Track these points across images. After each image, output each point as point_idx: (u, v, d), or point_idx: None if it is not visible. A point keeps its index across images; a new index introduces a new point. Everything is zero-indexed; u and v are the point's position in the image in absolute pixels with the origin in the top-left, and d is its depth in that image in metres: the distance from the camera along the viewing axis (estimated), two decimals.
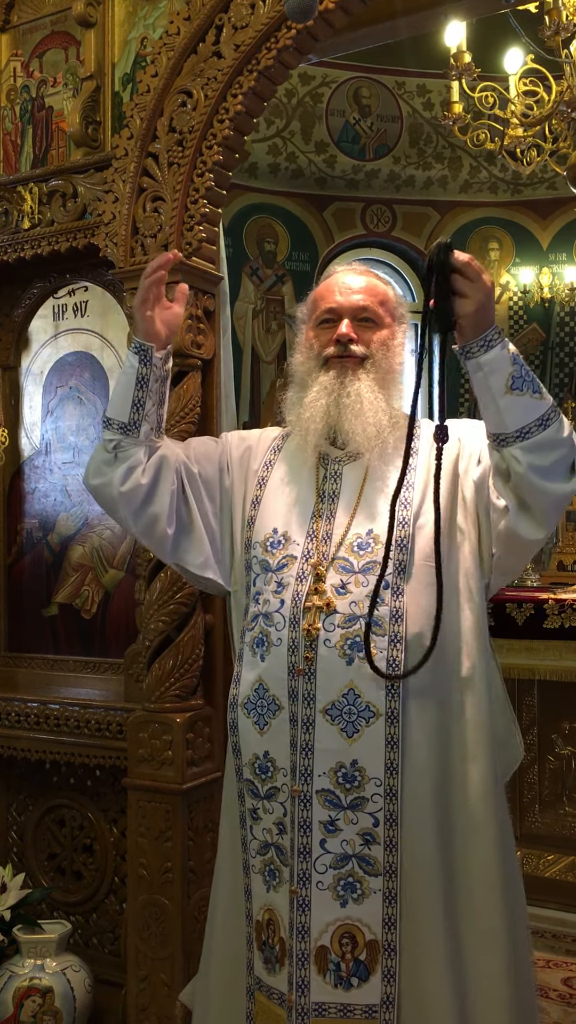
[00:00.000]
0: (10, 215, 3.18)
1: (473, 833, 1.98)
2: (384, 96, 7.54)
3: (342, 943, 1.95)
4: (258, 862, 2.07)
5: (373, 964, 1.94)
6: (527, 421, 1.87)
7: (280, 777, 2.01)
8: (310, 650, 1.99)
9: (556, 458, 1.88)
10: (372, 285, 2.18)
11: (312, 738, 1.97)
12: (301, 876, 1.97)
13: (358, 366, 2.11)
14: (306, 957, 1.96)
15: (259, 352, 7.66)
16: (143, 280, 2.13)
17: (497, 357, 1.86)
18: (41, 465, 3.37)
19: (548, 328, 8.03)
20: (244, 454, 2.28)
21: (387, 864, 1.93)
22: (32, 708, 3.11)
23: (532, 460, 1.86)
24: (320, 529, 2.08)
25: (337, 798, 1.96)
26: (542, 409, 1.88)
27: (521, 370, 1.88)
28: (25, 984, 2.88)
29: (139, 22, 3.06)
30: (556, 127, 5.07)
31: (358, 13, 2.75)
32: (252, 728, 2.07)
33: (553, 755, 4.20)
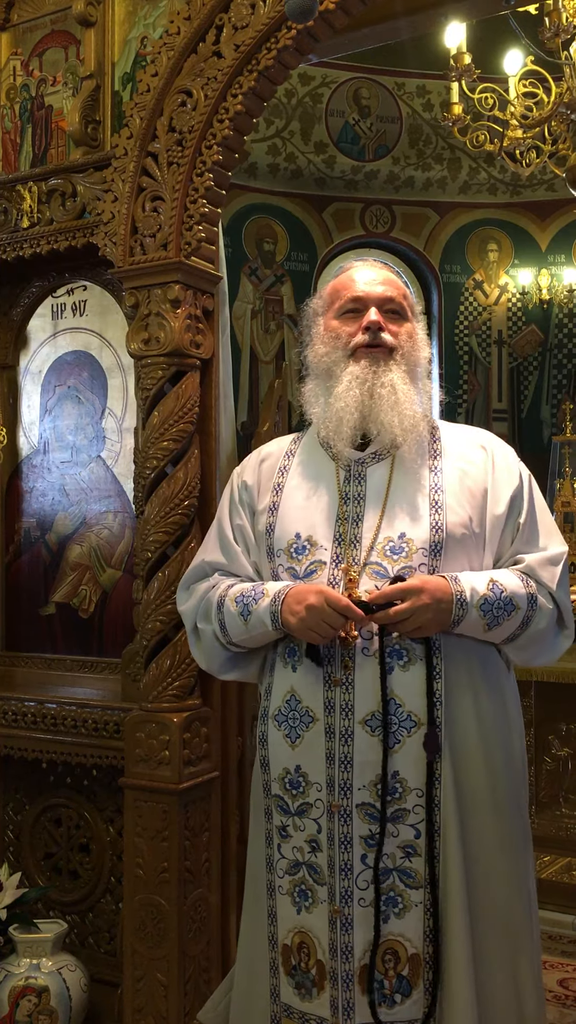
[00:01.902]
0: (9, 214, 3.18)
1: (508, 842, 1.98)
2: (384, 97, 7.55)
3: (385, 960, 1.91)
4: (286, 882, 2.01)
5: (415, 978, 1.90)
6: (510, 632, 1.98)
7: (314, 792, 1.96)
8: (348, 659, 1.94)
9: (542, 644, 2.03)
10: (393, 278, 2.15)
11: (351, 750, 1.92)
12: (344, 895, 1.92)
13: (388, 356, 2.06)
14: (350, 978, 1.92)
15: (257, 352, 7.66)
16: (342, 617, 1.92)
17: (468, 625, 1.94)
18: (39, 464, 3.37)
19: (547, 329, 8.03)
20: (257, 472, 2.21)
21: (427, 876, 1.90)
22: (29, 707, 3.11)
23: (523, 656, 2.04)
24: (347, 533, 2.01)
25: (377, 811, 1.91)
26: (519, 618, 1.96)
27: (492, 611, 1.94)
28: (21, 983, 2.88)
29: (139, 21, 3.06)
30: (555, 129, 5.07)
31: (358, 14, 2.75)
32: (283, 741, 2.01)
33: (550, 756, 4.20)
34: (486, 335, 8.11)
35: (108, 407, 3.23)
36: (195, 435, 2.83)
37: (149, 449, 2.78)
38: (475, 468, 2.06)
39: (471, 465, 2.07)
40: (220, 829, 2.89)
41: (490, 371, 8.11)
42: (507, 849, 1.98)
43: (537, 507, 2.10)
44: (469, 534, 2.00)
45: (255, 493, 2.19)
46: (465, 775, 1.93)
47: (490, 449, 2.11)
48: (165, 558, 2.76)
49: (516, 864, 2.00)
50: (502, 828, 1.97)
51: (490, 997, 1.92)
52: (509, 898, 1.98)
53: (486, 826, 1.95)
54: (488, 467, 2.07)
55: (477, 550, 2.02)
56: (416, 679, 1.91)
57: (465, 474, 2.05)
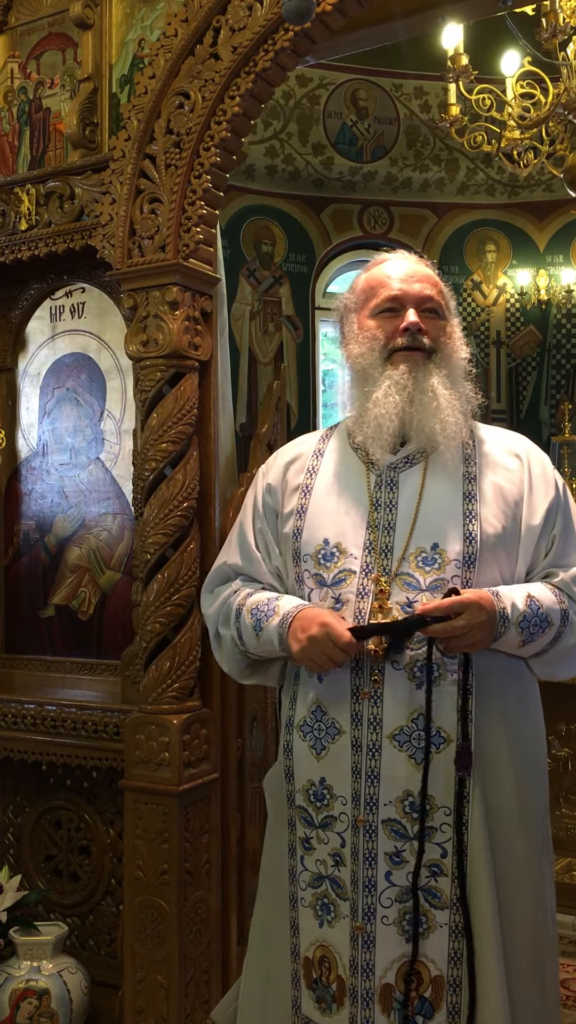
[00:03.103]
0: (7, 216, 3.18)
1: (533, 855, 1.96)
2: (381, 98, 7.55)
3: (407, 980, 1.87)
4: (309, 895, 1.98)
5: (438, 1001, 1.86)
6: (541, 647, 1.96)
7: (338, 805, 1.92)
8: (377, 672, 1.89)
9: (567, 658, 2.01)
10: (429, 274, 2.07)
11: (378, 765, 1.88)
12: (366, 911, 1.88)
13: (427, 359, 1.99)
14: (371, 996, 1.88)
15: (256, 354, 7.66)
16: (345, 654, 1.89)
17: (505, 642, 1.91)
18: (38, 467, 3.37)
19: (545, 330, 8.03)
20: (282, 475, 2.14)
21: (453, 896, 1.85)
22: (29, 709, 3.11)
23: (548, 670, 2.03)
24: (378, 541, 1.95)
25: (404, 828, 1.87)
26: (552, 634, 1.94)
27: (529, 628, 1.91)
28: (21, 986, 2.88)
29: (136, 24, 3.06)
30: (553, 129, 5.07)
31: (355, 15, 2.76)
32: (308, 752, 1.97)
33: (550, 757, 4.20)
34: (484, 336, 8.11)
35: (107, 409, 3.23)
36: (194, 437, 2.83)
37: (148, 451, 2.78)
38: (511, 476, 2.00)
39: (507, 473, 2.01)
40: (220, 831, 2.89)
41: (488, 372, 8.11)
42: (532, 862, 1.95)
43: (573, 519, 2.06)
44: (502, 545, 1.95)
45: (279, 496, 2.13)
46: (494, 792, 1.90)
47: (526, 457, 2.04)
48: (164, 560, 2.76)
49: (541, 876, 1.98)
50: (528, 842, 1.95)
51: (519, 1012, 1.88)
52: (536, 912, 1.94)
53: (514, 842, 1.91)
54: (524, 476, 2.01)
55: (510, 561, 1.97)
56: (446, 695, 1.87)
57: (500, 483, 1.99)
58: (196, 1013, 2.74)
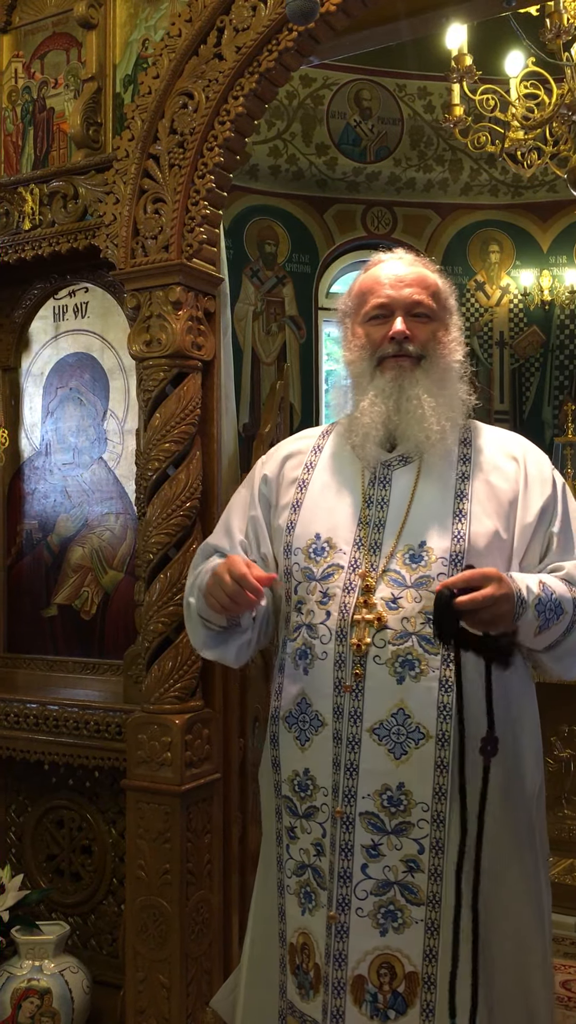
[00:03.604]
0: (11, 216, 3.18)
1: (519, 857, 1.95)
2: (385, 98, 7.55)
3: (380, 973, 1.87)
4: (293, 883, 2.00)
5: (412, 997, 1.86)
6: (554, 638, 1.93)
7: (320, 796, 1.94)
8: (359, 666, 1.90)
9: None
10: (422, 276, 2.06)
11: (357, 758, 1.89)
12: (340, 901, 1.89)
13: (415, 366, 2.00)
14: (342, 986, 1.88)
15: (259, 354, 7.66)
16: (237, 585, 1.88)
17: (523, 625, 1.87)
18: (41, 466, 3.37)
19: (548, 331, 8.03)
20: (279, 468, 2.16)
21: (430, 893, 1.85)
22: (31, 709, 3.11)
23: (560, 667, 1.99)
24: (368, 537, 1.97)
25: (381, 822, 1.88)
26: (566, 623, 1.92)
27: (545, 613, 1.88)
28: (23, 985, 2.88)
29: (140, 24, 3.07)
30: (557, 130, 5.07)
31: (359, 15, 2.76)
32: (293, 743, 2.00)
33: (552, 758, 4.20)
34: (487, 336, 8.11)
35: (110, 409, 3.24)
36: (197, 437, 2.83)
37: (151, 451, 2.78)
38: (506, 477, 2.00)
39: (502, 473, 2.01)
40: (222, 830, 2.89)
41: (491, 372, 8.10)
42: (519, 864, 1.94)
43: (573, 516, 2.04)
44: (494, 545, 1.94)
45: (275, 488, 2.15)
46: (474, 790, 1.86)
47: (523, 457, 2.04)
48: (167, 560, 2.76)
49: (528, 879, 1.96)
50: (513, 843, 1.93)
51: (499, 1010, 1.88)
52: (521, 913, 1.94)
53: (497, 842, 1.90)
54: (520, 476, 2.01)
55: (503, 561, 1.96)
56: (426, 691, 1.87)
57: (494, 483, 1.99)
58: (198, 1013, 2.74)
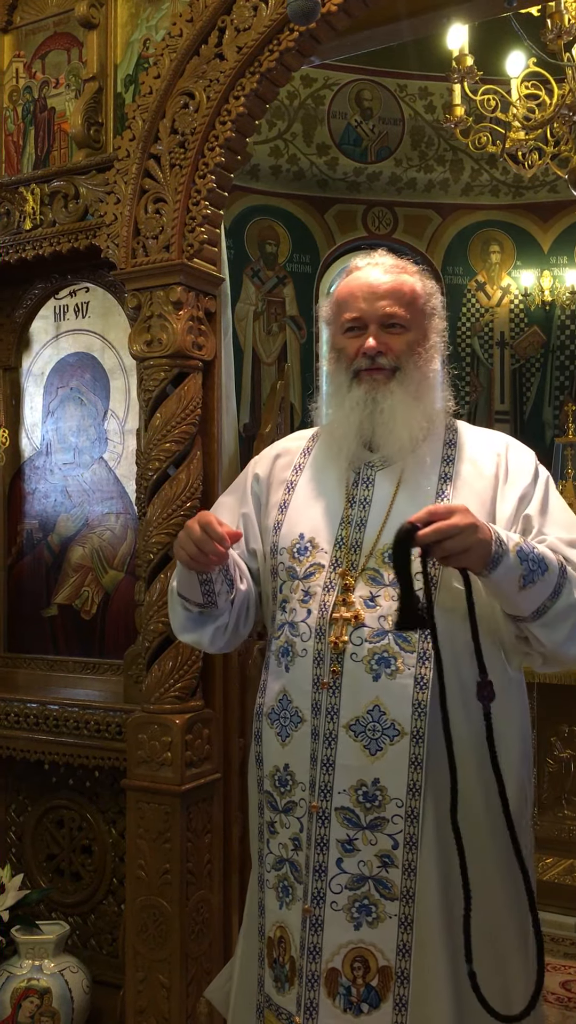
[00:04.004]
0: (12, 216, 3.18)
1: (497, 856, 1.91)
2: (386, 98, 7.55)
3: (354, 967, 1.88)
4: (272, 877, 2.02)
5: (385, 991, 1.87)
6: (541, 600, 1.86)
7: (298, 791, 1.96)
8: (336, 663, 1.92)
9: (571, 623, 1.89)
10: (398, 284, 2.05)
11: (334, 753, 1.91)
12: (315, 895, 1.91)
13: (389, 379, 2.01)
14: (316, 979, 1.90)
15: (260, 354, 7.66)
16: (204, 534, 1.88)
17: (505, 570, 1.82)
18: (41, 466, 3.37)
19: (549, 331, 8.03)
20: (270, 472, 2.18)
21: (404, 889, 1.86)
22: (31, 709, 3.11)
23: (552, 636, 1.88)
24: (350, 537, 1.99)
25: (356, 817, 1.90)
26: (552, 582, 1.86)
27: (528, 563, 1.83)
28: (23, 985, 2.88)
29: (142, 24, 3.07)
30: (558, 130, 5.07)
31: (361, 16, 2.76)
32: (275, 739, 2.01)
33: (552, 758, 4.20)
34: (488, 336, 8.11)
35: (110, 409, 3.24)
36: (197, 437, 2.83)
37: (151, 451, 2.78)
38: (486, 474, 2.01)
39: (482, 471, 2.01)
40: (222, 830, 2.89)
41: (492, 372, 8.11)
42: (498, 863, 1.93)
43: (552, 503, 2.02)
44: None
45: (265, 487, 2.17)
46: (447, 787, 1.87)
47: (504, 452, 2.04)
48: (167, 560, 2.76)
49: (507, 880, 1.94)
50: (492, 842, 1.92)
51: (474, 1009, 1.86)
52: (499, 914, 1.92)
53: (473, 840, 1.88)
54: (501, 472, 2.01)
55: None
56: (400, 687, 1.89)
57: (475, 482, 2.00)
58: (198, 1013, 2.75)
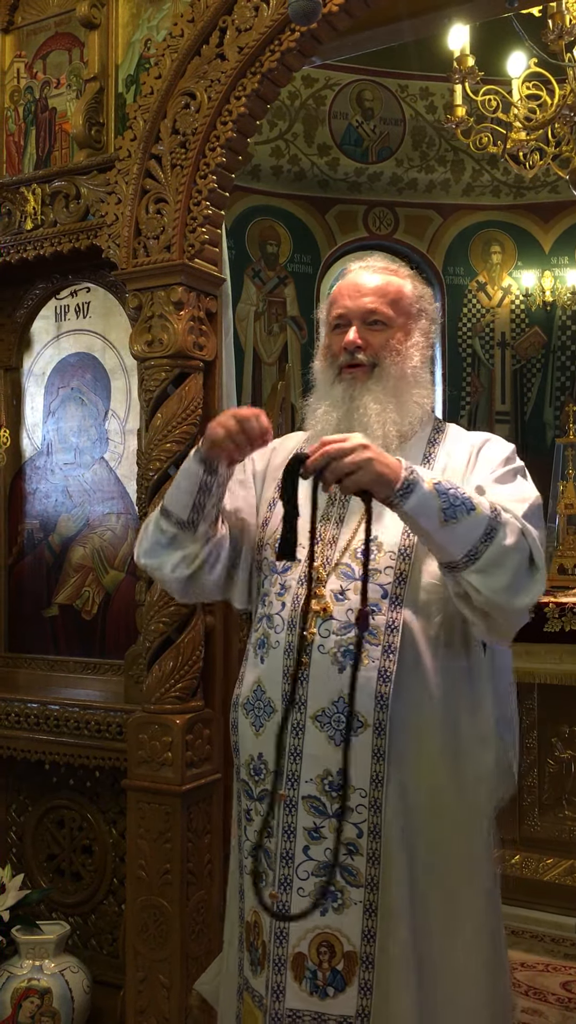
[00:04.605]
0: (13, 216, 3.19)
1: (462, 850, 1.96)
2: (387, 99, 7.55)
3: (320, 951, 1.93)
4: (248, 863, 2.06)
5: (350, 975, 1.92)
6: (471, 542, 1.82)
7: (270, 780, 2.00)
8: (305, 655, 1.96)
9: (512, 570, 1.83)
10: (384, 284, 2.09)
11: (301, 743, 1.96)
12: (283, 881, 1.96)
13: (367, 376, 2.05)
14: (283, 962, 1.95)
15: (260, 354, 7.66)
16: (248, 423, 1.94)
17: (419, 501, 1.80)
18: (42, 466, 3.37)
19: (550, 331, 8.03)
20: (267, 465, 2.23)
21: (369, 876, 1.91)
22: (32, 709, 3.11)
23: (489, 583, 1.83)
24: (328, 533, 2.04)
25: (323, 805, 1.94)
26: (483, 523, 1.82)
27: (448, 498, 1.81)
28: (23, 985, 2.88)
29: (143, 24, 3.07)
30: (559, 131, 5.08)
31: (362, 16, 2.76)
32: (249, 729, 2.07)
33: (553, 759, 4.20)
34: (489, 337, 8.11)
35: (111, 409, 3.24)
36: (198, 437, 2.82)
37: (152, 451, 2.78)
38: (458, 467, 2.03)
39: (455, 466, 2.04)
40: (222, 830, 2.88)
41: (493, 373, 8.10)
42: (462, 858, 1.96)
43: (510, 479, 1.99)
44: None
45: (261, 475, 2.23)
46: (412, 779, 1.93)
47: (479, 446, 2.06)
48: None
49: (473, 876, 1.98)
50: (457, 835, 1.96)
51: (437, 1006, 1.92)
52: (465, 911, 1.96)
53: (437, 831, 1.94)
54: (471, 462, 2.03)
55: None
56: (365, 680, 1.91)
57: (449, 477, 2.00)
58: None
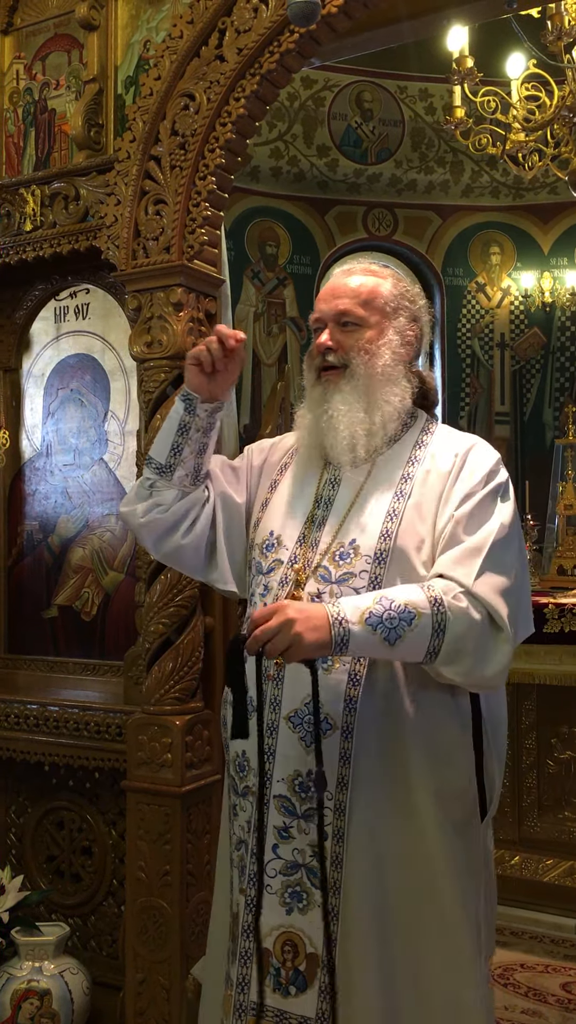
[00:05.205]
0: (12, 217, 3.19)
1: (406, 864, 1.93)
2: (386, 100, 7.56)
3: (284, 950, 1.95)
4: (235, 857, 2.09)
5: (311, 977, 1.93)
6: (425, 646, 1.85)
7: (251, 777, 2.02)
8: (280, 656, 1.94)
9: (472, 651, 1.86)
10: (358, 285, 2.11)
11: (275, 743, 1.97)
12: (251, 877, 1.98)
13: (339, 377, 2.08)
14: (249, 956, 1.97)
15: (260, 355, 7.67)
16: (211, 344, 2.05)
17: (358, 644, 1.84)
18: (42, 467, 3.37)
19: (549, 332, 8.03)
20: (264, 462, 2.26)
21: (333, 880, 1.92)
22: (31, 710, 3.11)
23: (458, 670, 1.87)
24: (311, 535, 2.05)
25: (293, 806, 1.95)
26: (427, 626, 1.84)
27: (384, 624, 1.83)
28: (23, 986, 2.88)
29: (142, 25, 3.07)
30: (558, 132, 5.08)
31: (361, 17, 2.76)
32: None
33: (552, 759, 4.20)
34: (488, 338, 8.11)
35: (111, 410, 3.24)
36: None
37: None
38: (442, 474, 2.02)
39: (439, 471, 2.03)
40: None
41: (492, 374, 8.11)
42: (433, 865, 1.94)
43: (485, 509, 1.97)
44: (424, 544, 1.97)
45: (258, 470, 2.26)
46: (380, 785, 1.93)
47: (463, 454, 2.04)
48: None
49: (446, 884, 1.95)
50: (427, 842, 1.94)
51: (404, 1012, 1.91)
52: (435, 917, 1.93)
53: (402, 836, 1.92)
54: (455, 471, 2.02)
55: (426, 556, 1.98)
56: (336, 683, 1.93)
57: (432, 481, 2.02)
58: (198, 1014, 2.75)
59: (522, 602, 1.95)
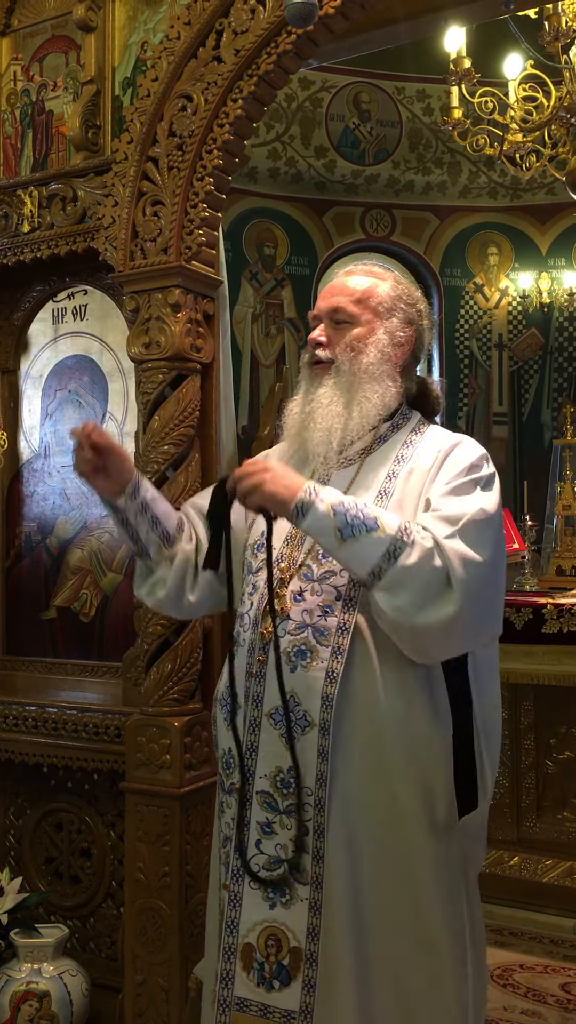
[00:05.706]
0: (10, 219, 3.19)
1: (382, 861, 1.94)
2: (384, 101, 7.56)
3: (268, 944, 1.97)
4: (222, 853, 2.11)
5: (295, 971, 1.94)
6: (374, 560, 1.85)
7: (237, 774, 2.04)
8: (263, 653, 2.01)
9: (414, 590, 1.84)
10: (355, 284, 2.15)
11: (257, 740, 2.00)
12: (234, 873, 2.00)
13: (325, 372, 2.11)
14: (233, 952, 1.98)
15: (258, 356, 7.67)
16: (78, 453, 2.16)
17: (314, 520, 1.87)
18: (40, 468, 3.37)
19: (547, 333, 8.04)
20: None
21: (314, 874, 1.93)
22: (30, 711, 3.11)
23: (391, 601, 1.85)
24: (297, 534, 2.06)
25: (275, 801, 1.98)
26: (385, 543, 1.85)
27: (346, 516, 1.86)
28: (22, 988, 2.88)
29: (139, 26, 3.07)
30: (555, 132, 5.09)
31: (358, 18, 2.76)
32: (222, 723, 2.11)
33: (551, 760, 4.20)
34: (486, 338, 8.12)
35: (109, 411, 3.24)
36: (195, 439, 2.83)
37: (150, 453, 2.78)
38: (425, 470, 2.03)
39: (422, 467, 2.04)
40: None
41: (490, 374, 8.11)
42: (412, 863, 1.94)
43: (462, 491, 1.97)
44: None
45: None
46: (358, 782, 1.94)
47: (447, 450, 2.04)
48: None
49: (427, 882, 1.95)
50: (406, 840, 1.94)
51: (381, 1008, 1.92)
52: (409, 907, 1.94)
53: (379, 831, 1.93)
54: (436, 466, 2.02)
55: None
56: (312, 679, 1.94)
57: (416, 479, 2.03)
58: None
59: (485, 591, 1.91)
